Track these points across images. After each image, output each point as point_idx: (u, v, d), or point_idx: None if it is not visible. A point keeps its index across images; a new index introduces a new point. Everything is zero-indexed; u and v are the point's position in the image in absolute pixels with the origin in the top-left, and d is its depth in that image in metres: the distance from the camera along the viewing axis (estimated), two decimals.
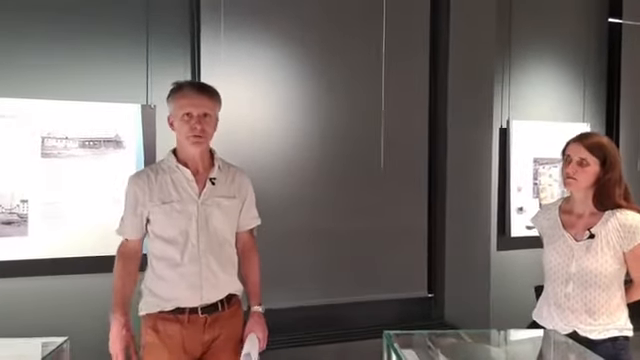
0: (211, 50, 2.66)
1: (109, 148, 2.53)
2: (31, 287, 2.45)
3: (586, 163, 1.84)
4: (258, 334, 1.90)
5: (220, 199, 1.86)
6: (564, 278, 1.88)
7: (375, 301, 2.99)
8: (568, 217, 1.94)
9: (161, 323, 1.79)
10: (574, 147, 1.88)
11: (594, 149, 1.84)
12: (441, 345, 1.75)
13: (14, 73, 2.44)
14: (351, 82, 2.94)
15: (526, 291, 3.50)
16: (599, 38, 3.72)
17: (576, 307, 1.85)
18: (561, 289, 1.88)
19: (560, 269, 1.89)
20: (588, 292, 1.83)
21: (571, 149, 1.89)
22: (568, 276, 1.87)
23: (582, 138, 1.90)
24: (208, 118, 1.80)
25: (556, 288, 1.90)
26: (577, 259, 1.85)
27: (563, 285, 1.88)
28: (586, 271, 1.83)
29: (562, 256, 1.89)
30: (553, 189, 3.56)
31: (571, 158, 1.88)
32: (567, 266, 1.87)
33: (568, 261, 1.87)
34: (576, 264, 1.85)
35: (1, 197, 2.38)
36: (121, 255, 1.85)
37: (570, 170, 1.86)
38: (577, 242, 1.87)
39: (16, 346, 1.66)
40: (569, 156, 1.89)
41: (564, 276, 1.88)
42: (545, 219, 2.02)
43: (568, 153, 1.90)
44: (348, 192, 2.94)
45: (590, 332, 1.83)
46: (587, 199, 1.89)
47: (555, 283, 1.91)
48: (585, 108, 3.67)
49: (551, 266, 1.92)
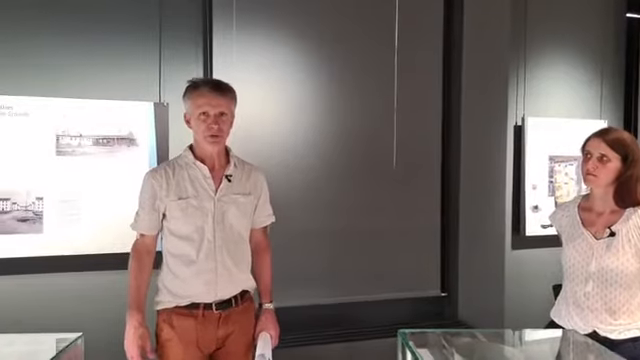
0: (223, 48, 2.66)
1: (122, 146, 2.54)
2: (46, 284, 2.48)
3: (607, 159, 1.79)
4: (270, 332, 1.90)
5: (236, 196, 1.86)
6: (584, 277, 1.84)
7: (388, 300, 2.97)
8: (588, 215, 1.90)
9: (176, 318, 1.80)
10: (594, 142, 1.83)
11: (615, 145, 1.79)
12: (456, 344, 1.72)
13: (29, 72, 2.46)
14: (364, 80, 2.92)
15: (541, 290, 3.45)
16: (617, 33, 3.65)
17: (596, 307, 1.81)
18: (580, 288, 1.84)
19: (579, 268, 1.85)
20: (608, 291, 1.79)
21: (591, 144, 1.84)
22: (588, 275, 1.83)
23: (603, 133, 1.84)
24: (225, 117, 1.81)
25: (575, 287, 1.86)
26: (597, 257, 1.81)
27: (582, 284, 1.84)
28: (606, 270, 1.79)
29: (581, 254, 1.85)
30: (569, 187, 3.51)
31: (591, 154, 1.83)
32: (587, 265, 1.83)
33: (588, 260, 1.83)
34: (596, 263, 1.81)
35: (17, 195, 2.40)
36: (135, 252, 1.85)
37: (590, 166, 1.81)
38: (597, 240, 1.83)
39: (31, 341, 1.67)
40: (589, 152, 1.84)
41: (583, 275, 1.84)
42: (564, 217, 1.97)
43: (588, 149, 1.85)
44: (361, 190, 2.92)
45: (610, 332, 1.79)
46: (607, 196, 1.84)
47: (574, 282, 1.87)
48: (602, 104, 3.61)
49: (570, 265, 1.88)
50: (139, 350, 1.74)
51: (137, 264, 1.83)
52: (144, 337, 1.76)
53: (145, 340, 1.76)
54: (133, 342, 1.74)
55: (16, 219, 2.40)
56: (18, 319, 2.36)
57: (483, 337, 1.85)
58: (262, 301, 1.97)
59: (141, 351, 1.75)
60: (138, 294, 1.80)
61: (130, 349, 1.74)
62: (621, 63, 3.67)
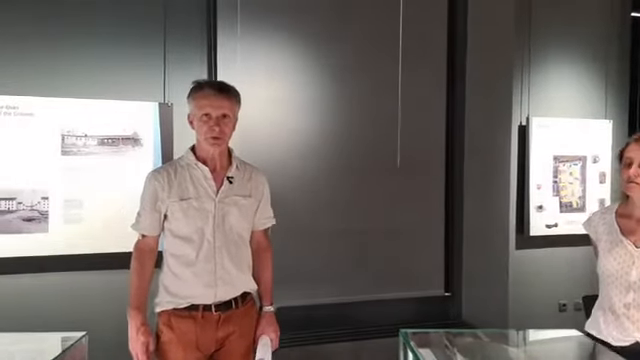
0: (227, 49, 2.67)
1: (127, 146, 2.55)
2: (51, 283, 2.49)
3: None
4: (270, 335, 1.89)
5: (237, 198, 1.86)
6: (623, 287, 1.79)
7: (392, 299, 2.97)
8: (627, 222, 1.84)
9: (175, 320, 1.80)
10: (634, 148, 1.77)
11: None
12: (458, 344, 1.72)
13: (34, 72, 2.48)
14: (368, 80, 2.92)
15: (545, 290, 3.45)
16: (622, 32, 3.63)
17: (637, 317, 1.76)
18: (619, 299, 1.79)
19: (619, 277, 1.79)
20: None
21: (631, 150, 1.78)
22: (628, 284, 1.77)
23: None
24: (227, 119, 1.81)
25: (614, 298, 1.81)
26: (638, 266, 1.76)
27: (622, 294, 1.79)
28: None
29: (621, 264, 1.79)
30: (574, 187, 3.49)
31: (632, 160, 1.77)
32: (627, 274, 1.78)
33: (628, 269, 1.78)
34: (637, 272, 1.76)
35: (22, 194, 2.42)
36: (137, 252, 1.86)
37: (632, 173, 1.76)
38: (638, 249, 1.78)
39: (36, 340, 1.68)
40: (630, 158, 1.78)
41: (623, 285, 1.79)
42: (600, 224, 1.91)
43: (628, 155, 1.79)
44: (365, 190, 2.92)
45: None
46: None
47: (613, 292, 1.81)
48: (607, 104, 3.59)
49: (609, 274, 1.82)
50: (143, 349, 1.75)
51: (138, 264, 1.84)
52: (147, 336, 1.77)
53: (148, 338, 1.77)
54: (137, 341, 1.75)
55: (22, 219, 2.41)
56: (24, 318, 2.37)
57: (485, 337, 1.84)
58: (262, 303, 1.96)
59: (145, 348, 1.76)
60: (139, 294, 1.80)
61: (135, 348, 1.76)
62: (626, 63, 3.65)
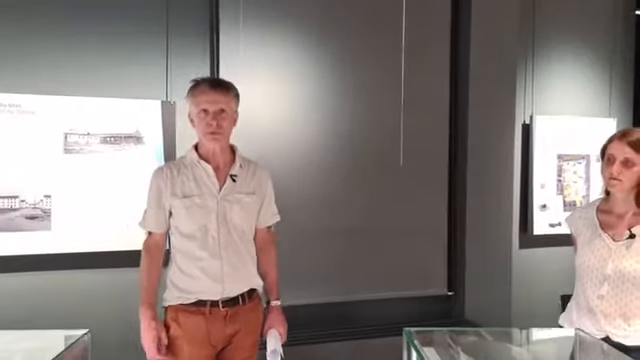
0: (230, 46, 2.67)
1: (130, 144, 2.55)
2: (54, 281, 2.49)
3: (632, 163, 1.74)
4: (279, 329, 1.92)
5: (241, 195, 1.88)
6: (598, 280, 1.79)
7: (395, 299, 2.96)
8: (607, 217, 1.85)
9: (182, 315, 1.83)
10: (617, 146, 1.77)
11: (639, 147, 1.74)
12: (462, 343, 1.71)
13: (37, 70, 2.47)
14: (370, 77, 2.91)
15: (548, 290, 3.43)
16: (626, 30, 3.61)
17: (610, 311, 1.77)
18: (593, 291, 1.80)
19: (595, 270, 1.80)
20: (624, 295, 1.75)
21: (614, 148, 1.78)
22: (603, 277, 1.78)
23: (625, 136, 1.78)
24: (224, 114, 1.82)
25: (588, 290, 1.82)
26: (614, 260, 1.77)
27: (597, 287, 1.79)
28: (623, 272, 1.75)
29: (598, 257, 1.80)
30: (577, 186, 3.48)
31: (614, 157, 1.77)
32: (602, 267, 1.79)
33: (604, 262, 1.79)
34: (613, 265, 1.77)
35: (25, 192, 2.42)
36: (146, 249, 1.89)
37: (615, 170, 1.76)
38: (615, 242, 1.78)
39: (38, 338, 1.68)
40: (612, 155, 1.78)
41: (598, 278, 1.79)
42: (580, 219, 1.92)
43: (610, 152, 1.79)
44: (367, 189, 2.91)
45: (624, 338, 1.75)
46: (629, 198, 1.79)
47: (588, 284, 1.82)
48: (611, 103, 3.57)
49: (585, 267, 1.83)
50: (155, 340, 1.78)
51: (147, 261, 1.88)
52: (159, 330, 1.80)
53: (160, 333, 1.80)
54: (150, 337, 1.78)
55: (24, 217, 2.42)
56: (26, 316, 2.38)
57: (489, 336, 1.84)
58: (269, 298, 1.99)
59: (157, 343, 1.79)
60: (149, 291, 1.84)
61: (147, 343, 1.79)
62: (630, 61, 3.63)
